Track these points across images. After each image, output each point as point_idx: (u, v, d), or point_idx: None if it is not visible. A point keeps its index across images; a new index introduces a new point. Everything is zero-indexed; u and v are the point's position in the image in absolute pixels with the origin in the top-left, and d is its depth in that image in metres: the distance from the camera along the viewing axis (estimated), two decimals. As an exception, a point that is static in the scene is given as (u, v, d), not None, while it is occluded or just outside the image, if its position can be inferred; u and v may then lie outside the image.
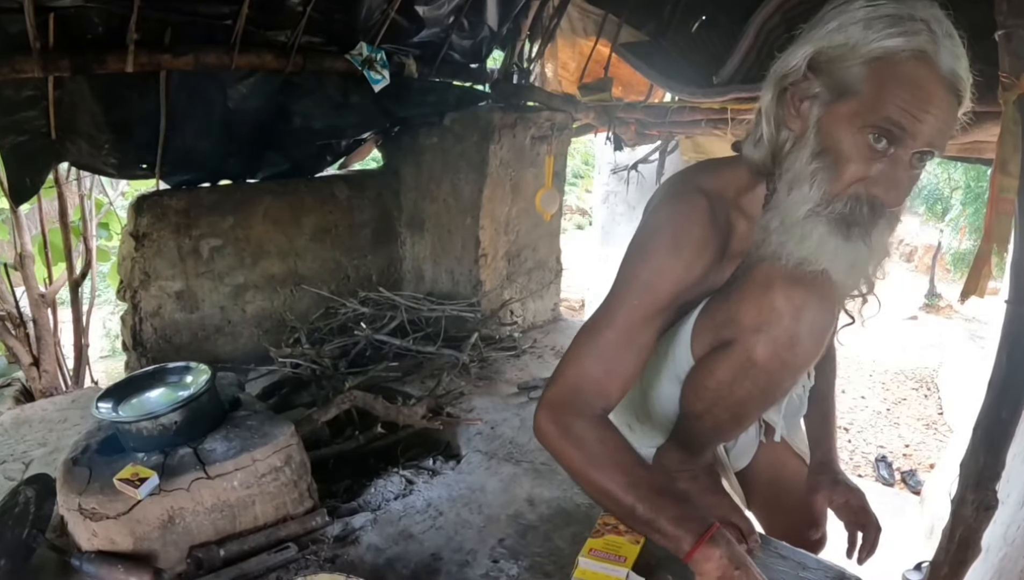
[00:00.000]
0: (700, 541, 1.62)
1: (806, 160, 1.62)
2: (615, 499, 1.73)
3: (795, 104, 1.65)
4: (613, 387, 1.82)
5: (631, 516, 1.73)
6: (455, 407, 3.17)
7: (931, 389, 8.49)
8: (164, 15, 2.97)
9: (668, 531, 1.66)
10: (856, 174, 1.57)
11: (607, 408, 1.84)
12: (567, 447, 1.80)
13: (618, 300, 1.81)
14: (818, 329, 1.77)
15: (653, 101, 5.11)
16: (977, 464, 1.84)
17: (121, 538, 2.04)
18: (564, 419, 1.80)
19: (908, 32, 1.46)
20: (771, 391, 1.93)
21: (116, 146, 3.30)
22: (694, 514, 1.70)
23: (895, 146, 1.52)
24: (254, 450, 2.21)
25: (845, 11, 1.54)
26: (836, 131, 1.57)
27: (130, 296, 3.58)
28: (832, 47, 1.55)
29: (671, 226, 1.79)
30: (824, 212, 1.60)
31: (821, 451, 2.29)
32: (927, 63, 1.47)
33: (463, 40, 4.14)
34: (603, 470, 1.75)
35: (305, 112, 3.75)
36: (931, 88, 1.48)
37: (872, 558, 2.19)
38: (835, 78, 1.56)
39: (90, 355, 6.40)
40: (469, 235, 4.13)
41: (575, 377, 1.82)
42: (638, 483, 1.72)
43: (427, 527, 2.34)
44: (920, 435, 7.30)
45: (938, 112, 1.50)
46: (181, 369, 2.50)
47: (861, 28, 1.51)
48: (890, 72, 1.49)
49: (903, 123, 1.49)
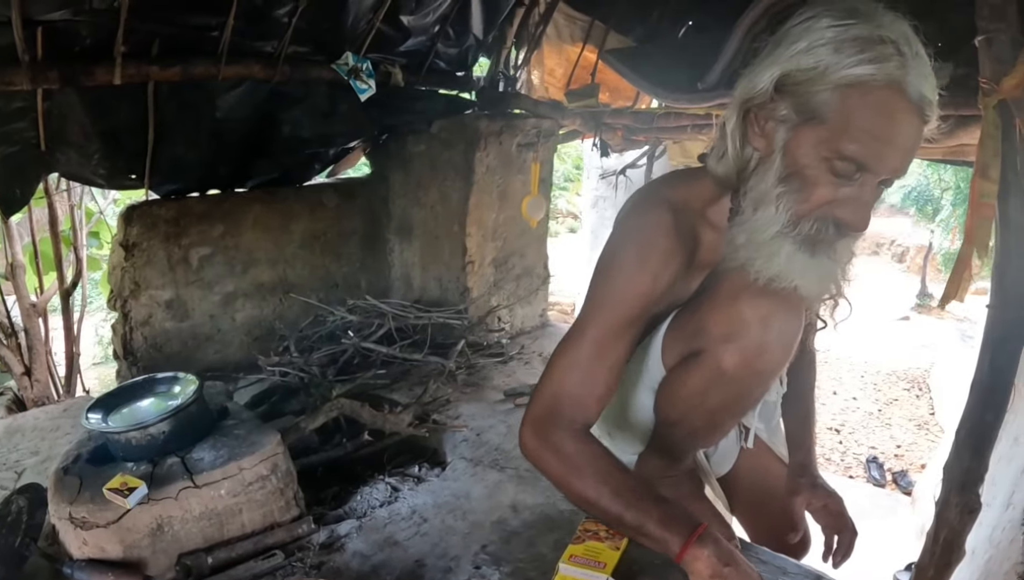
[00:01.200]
0: (688, 541, 1.64)
1: (772, 182, 1.62)
2: (601, 508, 1.76)
3: (760, 124, 1.64)
4: (590, 401, 1.84)
5: (619, 523, 1.76)
6: (441, 414, 3.19)
7: (923, 389, 8.50)
8: (151, 27, 2.98)
9: (656, 534, 1.69)
10: (823, 198, 1.57)
11: (587, 421, 1.86)
12: (551, 461, 1.82)
13: (589, 316, 1.84)
14: (786, 337, 1.79)
15: (641, 107, 5.13)
16: (961, 467, 1.85)
17: (111, 546, 2.06)
18: (546, 434, 1.82)
19: (878, 58, 1.44)
20: (742, 399, 1.96)
21: (105, 157, 3.31)
22: (680, 515, 1.73)
23: (862, 173, 1.52)
24: (241, 459, 2.23)
25: (812, 30, 1.51)
26: (802, 156, 1.56)
27: (120, 305, 3.59)
28: (800, 70, 1.51)
29: (636, 240, 1.82)
30: (791, 233, 1.60)
31: (800, 454, 2.31)
32: (897, 90, 1.45)
33: (449, 49, 4.17)
34: (587, 480, 1.78)
35: (293, 121, 3.76)
36: (900, 117, 1.47)
37: (847, 562, 2.22)
38: (802, 101, 1.54)
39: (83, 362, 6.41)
40: (456, 242, 4.15)
41: (553, 393, 1.84)
42: (622, 490, 1.75)
43: (412, 534, 2.36)
44: (912, 436, 7.30)
45: (905, 141, 1.50)
46: (170, 379, 2.51)
47: (831, 51, 1.47)
48: (859, 101, 1.47)
49: (870, 155, 1.49)
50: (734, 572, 1.62)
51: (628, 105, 5.14)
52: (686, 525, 1.68)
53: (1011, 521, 2.38)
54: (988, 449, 1.82)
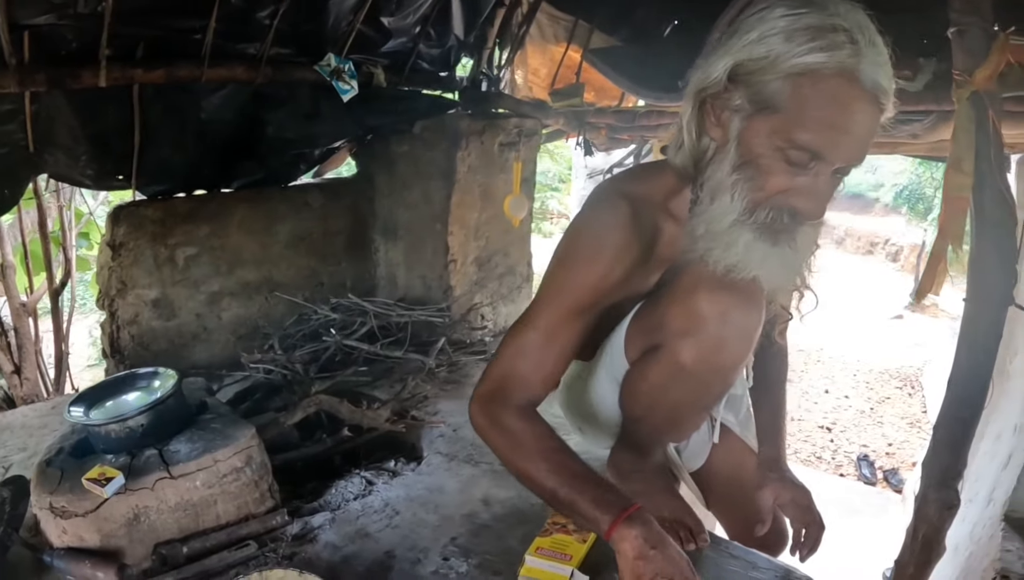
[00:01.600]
0: (617, 521, 1.67)
1: (727, 171, 1.62)
2: (538, 484, 1.81)
3: (716, 113, 1.64)
4: (536, 381, 1.88)
5: (554, 499, 1.80)
6: (420, 410, 3.21)
7: (915, 388, 8.53)
8: (135, 31, 3.01)
9: (587, 512, 1.73)
10: (777, 186, 1.57)
11: (532, 401, 1.90)
12: (495, 436, 1.88)
13: (541, 304, 1.87)
14: (745, 331, 1.81)
15: (626, 105, 5.16)
16: (939, 463, 1.87)
17: (89, 535, 2.09)
18: (492, 411, 1.87)
19: (830, 46, 1.43)
20: (702, 394, 1.99)
21: (92, 158, 3.34)
22: (613, 497, 1.76)
23: (816, 162, 1.53)
24: (216, 451, 2.26)
25: (765, 20, 1.50)
26: (757, 145, 1.57)
27: (108, 304, 3.61)
28: (752, 60, 1.51)
29: (591, 231, 1.84)
30: (748, 221, 1.61)
31: (769, 448, 2.32)
32: (849, 78, 1.45)
33: (431, 49, 4.19)
34: (527, 457, 1.82)
35: (277, 122, 3.79)
36: (853, 106, 1.48)
37: (814, 555, 2.20)
38: (755, 91, 1.53)
39: (77, 363, 6.44)
40: (439, 241, 4.17)
41: (501, 373, 1.88)
42: (559, 469, 1.79)
43: (383, 526, 2.38)
44: (904, 434, 7.34)
45: (859, 129, 1.51)
46: (150, 374, 2.54)
47: (782, 40, 1.46)
48: (811, 90, 1.47)
49: (823, 144, 1.49)
50: (659, 555, 1.64)
51: (613, 104, 5.17)
52: (618, 506, 1.71)
53: (991, 517, 2.40)
54: (966, 445, 1.84)
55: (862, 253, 16.89)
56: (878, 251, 16.61)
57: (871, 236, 16.94)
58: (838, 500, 5.67)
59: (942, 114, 3.28)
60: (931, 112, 3.36)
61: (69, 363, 5.24)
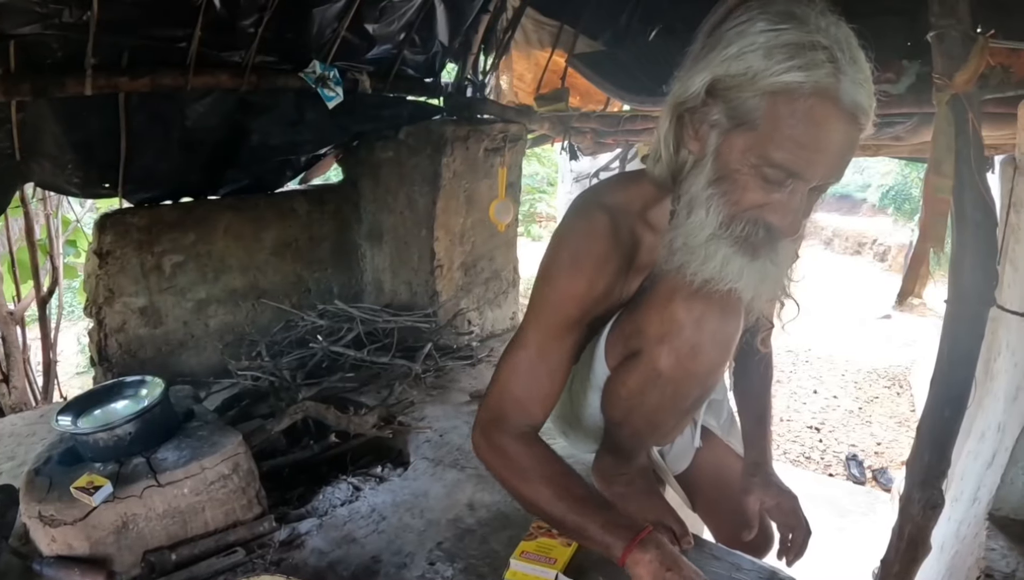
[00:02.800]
0: (630, 546, 1.67)
1: (703, 185, 1.60)
2: (545, 511, 1.81)
3: (694, 126, 1.61)
4: (533, 404, 1.88)
5: (561, 526, 1.80)
6: (407, 416, 3.22)
7: (904, 387, 8.54)
8: (120, 40, 3.02)
9: (598, 538, 1.72)
10: (753, 201, 1.55)
11: (533, 424, 1.90)
12: (498, 464, 1.88)
13: (529, 321, 1.88)
14: (721, 337, 1.81)
15: (612, 110, 5.17)
16: (922, 462, 1.88)
17: (78, 543, 2.11)
18: (493, 437, 1.88)
19: (809, 65, 1.40)
20: (680, 400, 1.97)
21: (79, 166, 3.35)
22: (622, 520, 1.76)
23: (792, 180, 1.50)
24: (203, 458, 2.27)
25: (745, 34, 1.46)
26: (733, 161, 1.54)
27: (95, 312, 3.61)
28: (731, 75, 1.48)
29: (571, 245, 1.84)
30: (724, 235, 1.59)
31: (755, 452, 2.33)
32: (827, 98, 1.41)
33: (416, 55, 4.20)
34: (531, 483, 1.83)
35: (262, 129, 3.80)
36: (830, 125, 1.45)
37: (800, 560, 2.22)
38: (733, 106, 1.50)
39: (66, 371, 6.43)
40: (424, 247, 4.18)
41: (498, 398, 1.89)
42: (564, 494, 1.78)
43: (370, 531, 2.40)
44: (892, 433, 7.34)
45: (836, 148, 1.48)
46: (137, 382, 2.55)
47: (761, 57, 1.43)
48: (788, 109, 1.43)
49: (799, 163, 1.47)
50: (676, 577, 1.64)
51: (599, 109, 5.18)
52: (629, 529, 1.71)
53: (976, 516, 2.40)
54: (949, 444, 1.85)
55: (850, 253, 16.92)
56: (866, 251, 16.64)
57: (859, 236, 16.97)
58: (827, 500, 5.69)
59: (924, 116, 3.29)
60: (913, 114, 3.37)
61: (57, 371, 5.24)
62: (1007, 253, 2.77)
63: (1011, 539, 2.18)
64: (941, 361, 1.87)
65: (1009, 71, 2.88)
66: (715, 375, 1.96)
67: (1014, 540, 2.17)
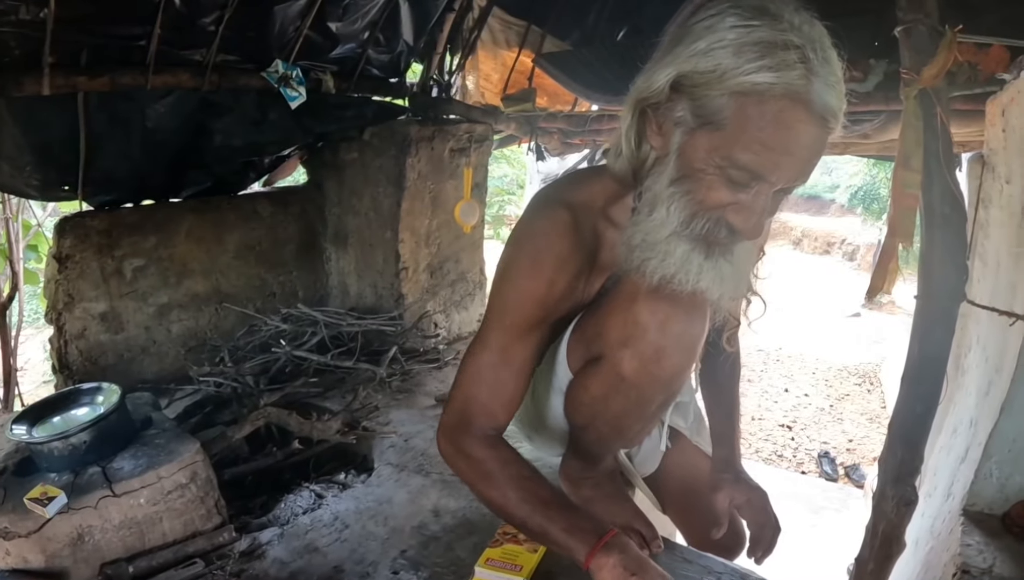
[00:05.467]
0: (594, 549, 1.64)
1: (665, 183, 1.56)
2: (509, 513, 1.78)
3: (657, 122, 1.55)
4: (497, 407, 1.85)
5: (525, 528, 1.77)
6: (372, 421, 3.19)
7: (874, 384, 8.63)
8: (78, 38, 2.97)
9: (561, 541, 1.69)
10: (715, 201, 1.50)
11: (497, 427, 1.87)
12: (463, 467, 1.85)
13: (489, 323, 1.84)
14: (686, 340, 1.77)
15: (580, 110, 5.16)
16: (895, 459, 1.88)
17: (33, 555, 2.08)
18: (457, 440, 1.84)
19: (780, 66, 1.34)
20: (645, 404, 1.94)
21: (37, 168, 3.28)
22: (587, 523, 1.72)
23: (757, 182, 1.45)
24: (160, 467, 2.24)
25: (715, 29, 1.40)
26: (697, 161, 1.48)
27: (55, 319, 3.56)
28: (698, 72, 1.41)
29: (531, 244, 1.79)
30: (684, 232, 1.55)
31: (723, 450, 2.31)
32: (797, 100, 1.36)
33: (380, 55, 4.18)
34: (496, 486, 1.79)
35: (224, 130, 3.75)
36: (799, 128, 1.39)
37: (769, 557, 2.19)
38: (699, 104, 1.44)
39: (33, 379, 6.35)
40: (390, 249, 4.16)
41: (461, 400, 1.85)
42: (529, 497, 1.75)
43: (332, 540, 2.37)
44: (863, 429, 7.40)
45: (803, 152, 1.43)
46: (93, 390, 2.53)
47: (730, 54, 1.37)
48: (756, 111, 1.38)
49: (765, 166, 1.42)
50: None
51: (566, 109, 5.17)
52: (593, 532, 1.68)
53: (950, 511, 2.40)
54: (921, 441, 1.85)
55: (819, 253, 17.11)
56: (835, 251, 16.83)
57: (828, 236, 17.16)
58: (800, 497, 5.72)
59: (892, 114, 3.30)
60: (881, 112, 3.38)
61: (21, 379, 5.17)
62: (976, 248, 2.78)
63: (987, 534, 2.18)
64: (912, 358, 1.87)
65: (977, 68, 2.89)
66: (680, 378, 1.92)
67: (990, 535, 2.17)
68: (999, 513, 2.24)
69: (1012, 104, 2.44)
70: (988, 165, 2.71)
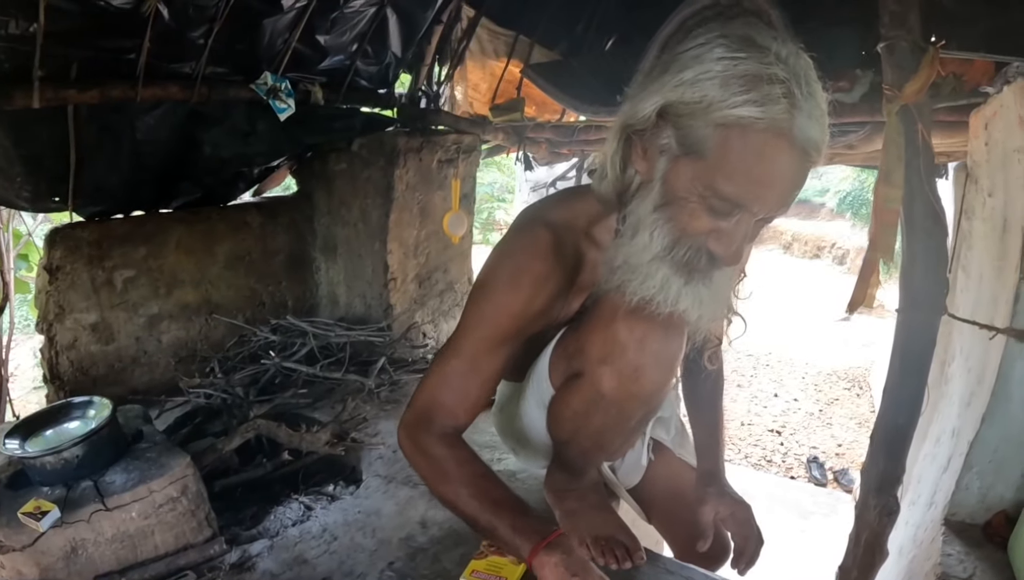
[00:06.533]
0: (537, 547, 1.68)
1: (649, 209, 1.58)
2: (460, 510, 1.81)
3: (643, 146, 1.58)
4: (460, 410, 1.87)
5: (475, 525, 1.81)
6: (360, 432, 3.20)
7: (863, 388, 8.61)
8: (68, 51, 2.98)
9: (507, 538, 1.74)
10: (699, 228, 1.53)
11: (458, 428, 1.89)
12: (420, 462, 1.87)
13: (463, 331, 1.86)
14: (664, 358, 1.80)
15: (568, 120, 5.17)
16: (877, 470, 1.90)
17: (28, 569, 2.08)
18: (417, 437, 1.86)
19: (764, 100, 1.36)
20: (624, 420, 1.97)
21: (28, 180, 3.29)
22: (533, 523, 1.76)
23: (738, 211, 1.48)
24: (151, 481, 2.25)
25: (702, 60, 1.42)
26: (680, 188, 1.51)
27: (46, 329, 3.56)
28: (684, 102, 1.44)
29: (511, 261, 1.82)
30: (667, 257, 1.58)
31: (707, 463, 2.33)
32: (780, 135, 1.38)
33: (369, 66, 4.20)
34: (450, 483, 1.82)
35: (213, 141, 3.77)
36: (781, 162, 1.42)
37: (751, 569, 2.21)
38: (684, 133, 1.47)
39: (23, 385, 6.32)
40: (378, 260, 4.18)
41: (426, 400, 1.88)
42: (480, 494, 1.79)
43: (321, 552, 2.38)
44: (853, 434, 7.39)
45: (785, 184, 1.46)
46: (85, 403, 2.53)
47: (717, 86, 1.39)
48: (740, 143, 1.40)
49: (747, 197, 1.45)
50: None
51: (555, 118, 5.19)
52: (538, 532, 1.72)
53: (933, 520, 2.42)
54: (903, 452, 1.87)
55: (809, 257, 17.08)
56: (825, 254, 16.79)
57: (817, 240, 17.14)
58: (790, 502, 5.72)
59: (877, 125, 3.31)
60: (867, 123, 3.39)
61: (12, 387, 5.16)
62: (959, 259, 2.80)
63: (967, 544, 2.20)
64: (893, 370, 1.89)
65: (961, 79, 2.91)
66: (659, 395, 1.94)
67: (970, 545, 2.19)
68: (980, 523, 2.26)
69: (995, 117, 2.46)
70: (971, 177, 2.73)
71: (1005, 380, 2.15)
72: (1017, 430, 2.17)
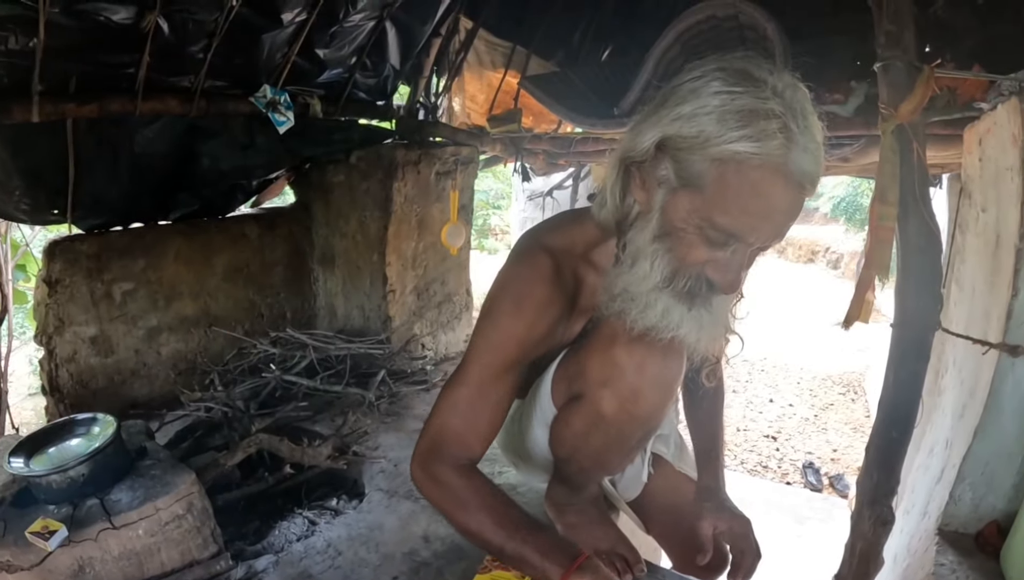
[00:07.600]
0: (567, 572, 1.68)
1: (648, 239, 1.62)
2: (484, 539, 1.82)
3: (642, 177, 1.63)
4: (472, 439, 1.89)
5: (501, 553, 1.81)
6: (361, 445, 3.21)
7: (858, 393, 8.63)
8: (67, 66, 2.99)
9: (536, 564, 1.74)
10: (696, 258, 1.57)
11: (471, 458, 1.91)
12: (437, 494, 1.89)
13: (470, 359, 1.88)
14: (663, 381, 1.83)
15: (564, 131, 5.19)
16: (871, 481, 1.92)
17: (36, 588, 2.08)
18: (431, 469, 1.88)
19: (760, 135, 1.39)
20: (624, 441, 2.01)
21: (27, 193, 3.29)
22: (561, 546, 1.78)
23: (734, 242, 1.53)
24: (157, 499, 2.25)
25: (699, 94, 1.47)
26: (678, 220, 1.55)
27: (45, 342, 3.56)
28: (681, 136, 1.48)
29: (513, 288, 1.85)
30: (667, 288, 1.62)
31: (707, 477, 2.35)
32: (776, 171, 1.41)
33: (367, 79, 4.22)
34: (470, 513, 1.83)
35: (212, 154, 3.78)
36: (776, 195, 1.45)
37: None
38: (682, 166, 1.51)
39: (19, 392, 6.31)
40: (377, 271, 4.19)
41: (437, 431, 1.89)
42: (503, 522, 1.80)
43: (326, 567, 2.38)
44: (848, 439, 7.41)
45: (780, 216, 1.50)
46: (89, 420, 2.52)
47: (713, 121, 1.43)
48: (736, 178, 1.44)
49: (743, 229, 1.49)
50: None
51: (551, 129, 5.20)
52: (566, 555, 1.73)
53: (927, 530, 2.44)
54: (897, 464, 1.89)
55: (803, 261, 17.13)
56: (819, 259, 16.85)
57: (812, 245, 17.18)
58: (786, 508, 5.74)
59: (872, 138, 3.32)
60: (861, 136, 3.41)
61: (10, 397, 5.14)
62: (953, 272, 2.81)
63: (960, 553, 2.22)
64: (887, 385, 1.91)
65: (955, 93, 2.93)
66: (658, 417, 1.97)
67: (963, 554, 2.22)
68: (972, 533, 2.29)
69: (988, 134, 2.48)
70: (965, 192, 2.75)
71: (997, 394, 2.18)
72: (1008, 443, 2.20)
